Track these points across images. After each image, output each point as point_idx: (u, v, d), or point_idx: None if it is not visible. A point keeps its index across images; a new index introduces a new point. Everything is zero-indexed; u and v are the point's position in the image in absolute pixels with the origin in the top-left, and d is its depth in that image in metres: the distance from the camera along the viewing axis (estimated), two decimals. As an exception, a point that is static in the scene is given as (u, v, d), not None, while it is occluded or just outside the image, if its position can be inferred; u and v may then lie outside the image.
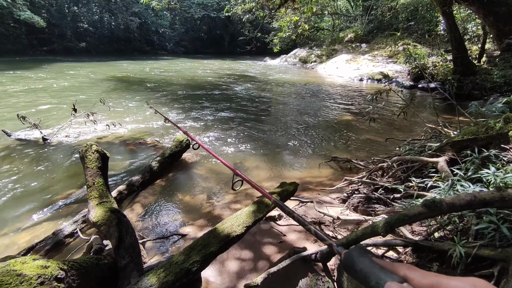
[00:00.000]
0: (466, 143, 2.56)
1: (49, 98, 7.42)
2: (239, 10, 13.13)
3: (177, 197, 3.08)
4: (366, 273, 0.39)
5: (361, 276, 0.40)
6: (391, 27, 17.64)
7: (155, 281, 1.37)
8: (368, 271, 0.39)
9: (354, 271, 0.41)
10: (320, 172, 3.76)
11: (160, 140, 4.65)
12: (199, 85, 10.79)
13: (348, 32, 21.42)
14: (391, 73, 12.89)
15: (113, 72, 13.74)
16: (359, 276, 0.40)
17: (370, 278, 0.38)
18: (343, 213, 2.58)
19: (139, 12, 30.51)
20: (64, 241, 2.23)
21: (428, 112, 7.00)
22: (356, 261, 0.41)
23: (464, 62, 9.18)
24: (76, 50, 26.37)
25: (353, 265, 0.41)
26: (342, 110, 7.41)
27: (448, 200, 1.41)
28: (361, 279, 0.40)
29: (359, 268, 0.40)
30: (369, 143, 4.88)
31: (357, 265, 0.41)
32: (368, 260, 0.40)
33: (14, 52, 21.58)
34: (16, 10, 20.47)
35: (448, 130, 3.51)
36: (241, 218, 1.79)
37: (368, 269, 0.39)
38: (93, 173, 1.93)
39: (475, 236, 1.62)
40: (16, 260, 0.97)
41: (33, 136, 4.52)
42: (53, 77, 11.09)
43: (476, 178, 2.04)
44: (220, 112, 6.78)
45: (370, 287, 0.38)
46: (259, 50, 26.98)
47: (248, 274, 1.95)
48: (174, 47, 36.09)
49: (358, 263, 0.41)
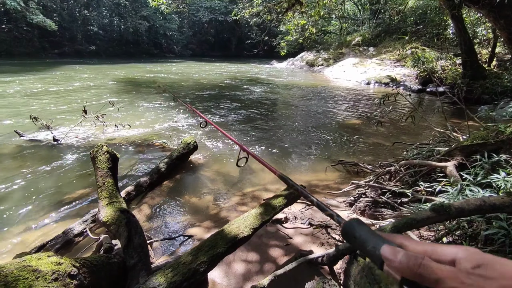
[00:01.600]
0: (475, 147, 2.53)
1: (60, 99, 7.57)
2: (247, 13, 13.20)
3: (184, 199, 3.10)
4: (364, 239, 0.41)
5: (359, 242, 0.42)
6: (399, 30, 17.53)
7: (163, 280, 1.39)
8: (366, 237, 0.41)
9: (353, 238, 0.43)
10: (326, 175, 3.75)
11: (168, 142, 4.70)
12: (206, 88, 10.87)
13: (355, 36, 21.36)
14: (399, 77, 12.79)
15: (122, 75, 13.95)
16: (357, 242, 0.42)
17: (368, 243, 0.40)
18: (349, 216, 2.57)
19: (148, 16, 30.98)
20: (74, 240, 2.27)
21: (436, 116, 6.92)
22: (355, 229, 0.43)
23: (473, 66, 9.07)
24: (86, 52, 26.89)
25: (352, 232, 0.43)
26: (349, 114, 7.39)
27: (457, 204, 1.40)
28: (359, 245, 0.42)
29: (358, 234, 0.42)
30: (376, 147, 4.85)
31: (356, 232, 0.43)
32: (366, 228, 0.43)
33: (27, 54, 22.11)
34: (29, 14, 21.00)
35: (457, 135, 3.48)
36: (248, 220, 1.80)
37: (366, 235, 0.41)
38: (104, 173, 1.97)
39: (485, 242, 1.60)
40: (31, 256, 1.00)
41: (44, 137, 4.61)
42: (63, 79, 11.31)
43: (486, 183, 2.02)
44: (227, 114, 6.82)
45: (367, 251, 0.40)
46: (266, 53, 27.12)
47: (255, 276, 1.96)
48: (182, 50, 36.51)
49: (357, 231, 0.43)
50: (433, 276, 0.32)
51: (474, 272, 0.31)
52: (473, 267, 0.32)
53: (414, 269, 0.33)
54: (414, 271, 0.33)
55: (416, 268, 0.33)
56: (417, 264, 0.33)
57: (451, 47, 13.25)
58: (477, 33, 12.25)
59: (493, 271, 0.30)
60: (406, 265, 0.34)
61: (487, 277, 0.30)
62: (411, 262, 0.34)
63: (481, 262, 0.32)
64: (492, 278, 0.30)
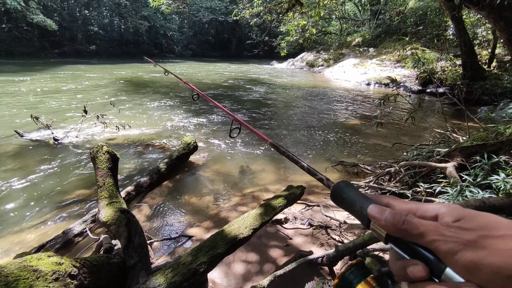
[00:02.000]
0: (475, 148, 2.53)
1: (60, 99, 7.57)
2: (247, 14, 13.20)
3: (184, 199, 3.10)
4: (352, 200, 0.42)
5: (347, 202, 0.43)
6: (399, 31, 17.55)
7: (163, 281, 1.39)
8: (353, 198, 0.42)
9: (342, 198, 0.44)
10: (327, 176, 3.75)
11: (168, 142, 4.70)
12: (207, 88, 10.87)
13: (355, 36, 21.39)
14: (399, 78, 12.81)
15: (122, 75, 13.95)
16: (345, 203, 0.43)
17: (355, 203, 0.41)
18: (349, 217, 2.58)
19: (148, 16, 31.00)
20: (73, 240, 2.27)
21: (436, 117, 6.93)
22: (344, 190, 0.44)
23: (473, 67, 9.09)
24: (86, 52, 26.90)
25: (341, 194, 0.44)
26: (349, 114, 7.39)
27: (457, 205, 1.40)
28: (347, 206, 0.43)
29: (346, 195, 0.43)
30: (376, 148, 4.85)
31: (345, 193, 0.44)
32: (354, 190, 0.44)
33: (27, 54, 22.12)
34: (30, 13, 21.01)
35: (457, 136, 3.48)
36: (248, 220, 1.80)
37: (353, 196, 0.42)
38: (104, 173, 1.97)
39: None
40: (32, 256, 1.00)
41: (45, 137, 4.61)
42: (64, 79, 11.31)
43: (486, 184, 2.03)
44: (227, 114, 6.81)
45: (355, 211, 0.41)
46: (266, 54, 27.13)
47: (254, 276, 1.96)
48: (182, 50, 36.54)
49: (346, 192, 0.44)
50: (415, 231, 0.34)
51: (454, 225, 0.33)
52: (453, 221, 0.33)
53: (398, 225, 0.35)
54: (398, 227, 0.35)
55: (400, 224, 0.35)
56: (401, 220, 0.35)
57: (451, 48, 13.26)
58: (477, 34, 12.27)
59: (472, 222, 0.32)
60: (391, 222, 0.35)
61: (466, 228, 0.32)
62: (396, 219, 0.35)
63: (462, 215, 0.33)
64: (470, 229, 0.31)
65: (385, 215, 0.36)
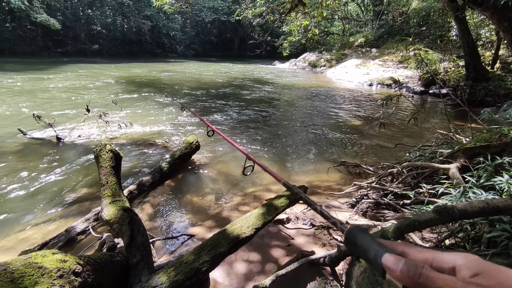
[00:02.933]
0: (478, 150, 2.52)
1: (63, 98, 7.60)
2: (250, 14, 13.21)
3: (186, 198, 3.11)
4: (366, 246, 0.41)
5: (361, 249, 0.42)
6: (402, 32, 17.51)
7: (165, 279, 1.39)
8: (368, 245, 0.41)
9: (355, 245, 0.43)
10: (328, 177, 3.75)
11: (170, 141, 4.71)
12: (209, 88, 10.89)
13: (358, 37, 21.35)
14: (402, 79, 12.77)
15: (124, 74, 13.99)
16: (359, 250, 0.42)
17: (369, 251, 0.40)
18: (351, 218, 2.57)
19: (151, 16, 31.04)
20: (76, 238, 2.28)
21: (439, 118, 6.90)
22: (358, 236, 0.43)
23: (476, 68, 9.05)
24: (89, 52, 26.98)
25: (354, 240, 0.44)
26: (352, 115, 7.38)
27: (460, 206, 1.40)
28: (361, 252, 0.42)
29: (360, 242, 0.43)
30: (379, 149, 4.84)
31: (358, 239, 0.43)
32: (369, 236, 0.43)
33: (30, 53, 22.22)
34: (33, 12, 21.10)
35: (460, 137, 3.47)
36: (251, 220, 1.80)
37: (368, 243, 0.41)
38: (107, 172, 1.98)
39: (487, 244, 1.59)
40: (37, 253, 1.01)
41: (48, 135, 4.64)
42: (67, 78, 11.35)
43: (489, 186, 2.02)
44: (229, 114, 6.83)
45: (369, 259, 0.40)
46: (269, 54, 27.10)
47: (256, 276, 1.96)
48: (185, 50, 36.56)
49: (359, 238, 0.43)
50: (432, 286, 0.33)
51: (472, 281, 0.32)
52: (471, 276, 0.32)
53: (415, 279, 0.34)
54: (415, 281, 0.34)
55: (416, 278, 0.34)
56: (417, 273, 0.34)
57: (454, 49, 13.22)
58: (480, 35, 12.22)
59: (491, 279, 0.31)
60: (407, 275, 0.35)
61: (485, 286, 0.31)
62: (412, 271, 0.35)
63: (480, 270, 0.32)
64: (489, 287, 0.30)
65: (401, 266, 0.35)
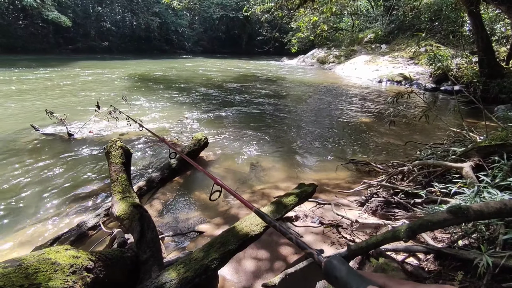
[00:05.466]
0: (493, 148, 2.45)
1: (74, 94, 7.72)
2: (258, 10, 13.14)
3: (195, 195, 3.12)
4: (346, 280, 0.40)
5: (341, 282, 0.41)
6: (413, 27, 17.17)
7: (175, 276, 1.40)
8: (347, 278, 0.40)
9: (335, 277, 0.42)
10: (337, 175, 3.71)
11: (179, 138, 4.74)
12: (217, 84, 10.90)
13: (367, 33, 21.03)
14: (412, 75, 12.54)
15: (134, 70, 14.11)
16: (339, 283, 0.41)
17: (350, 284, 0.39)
18: (361, 216, 2.54)
19: (159, 12, 31.17)
20: (87, 233, 2.32)
21: (451, 115, 6.77)
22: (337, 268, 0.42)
23: (491, 64, 8.80)
24: (99, 48, 27.28)
25: (333, 272, 0.43)
26: (361, 112, 7.29)
27: (476, 207, 1.36)
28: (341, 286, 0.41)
29: (339, 275, 0.42)
30: (389, 146, 4.77)
31: (337, 272, 0.42)
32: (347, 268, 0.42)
33: (42, 50, 22.59)
34: (45, 10, 21.42)
35: (474, 135, 3.39)
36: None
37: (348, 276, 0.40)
38: (117, 168, 1.99)
39: (503, 246, 1.55)
40: (50, 249, 1.02)
41: (59, 131, 4.71)
42: (77, 75, 11.52)
43: (505, 186, 1.96)
44: (238, 111, 6.83)
45: None
46: (277, 50, 26.94)
47: (265, 273, 1.96)
48: (193, 47, 36.64)
49: (338, 270, 0.42)
50: None
51: None
52: None
53: None
54: None
55: None
56: None
57: (467, 45, 12.89)
58: (495, 30, 11.88)
59: None
60: None
61: None
62: None
63: None
64: None
65: None
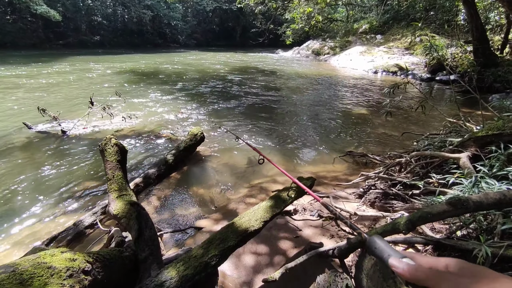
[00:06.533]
0: (490, 138, 2.46)
1: (66, 91, 7.58)
2: (252, 1, 12.96)
3: (192, 191, 3.10)
4: (382, 250, 0.54)
5: (378, 252, 0.55)
6: (407, 17, 17.08)
7: (174, 274, 1.38)
8: (383, 248, 0.54)
9: (374, 249, 0.56)
10: (334, 167, 3.71)
11: (175, 133, 4.69)
12: (212, 78, 10.78)
13: (362, 23, 20.88)
14: (408, 65, 12.52)
15: (127, 65, 13.89)
16: (377, 252, 0.55)
17: (387, 251, 0.53)
18: (359, 208, 2.55)
19: (151, 5, 30.56)
20: (84, 232, 2.29)
21: (446, 105, 6.78)
22: (377, 242, 0.56)
23: (485, 53, 8.82)
24: (90, 43, 26.76)
25: (374, 245, 0.56)
26: (357, 104, 7.28)
27: (475, 198, 1.36)
28: (378, 254, 0.55)
29: (378, 246, 0.55)
30: (385, 138, 4.78)
31: (377, 245, 0.56)
32: (385, 242, 0.56)
33: (32, 46, 22.10)
34: (33, 4, 20.85)
35: (470, 125, 3.40)
36: (259, 212, 1.78)
37: (383, 247, 0.54)
38: (113, 166, 1.96)
39: (502, 236, 1.56)
40: (45, 252, 0.99)
41: (52, 129, 4.64)
42: (69, 70, 11.31)
43: (502, 175, 1.97)
44: (233, 105, 6.77)
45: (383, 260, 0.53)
46: (271, 42, 26.72)
47: (265, 268, 1.96)
48: (186, 40, 36.11)
49: (378, 244, 0.56)
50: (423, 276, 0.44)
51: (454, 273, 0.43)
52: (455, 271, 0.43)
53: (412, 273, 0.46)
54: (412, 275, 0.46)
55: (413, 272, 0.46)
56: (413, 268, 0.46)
57: (462, 34, 12.88)
58: (489, 18, 11.87)
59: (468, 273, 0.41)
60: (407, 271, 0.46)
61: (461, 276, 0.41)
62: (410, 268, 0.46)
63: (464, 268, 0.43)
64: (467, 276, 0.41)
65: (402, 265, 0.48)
